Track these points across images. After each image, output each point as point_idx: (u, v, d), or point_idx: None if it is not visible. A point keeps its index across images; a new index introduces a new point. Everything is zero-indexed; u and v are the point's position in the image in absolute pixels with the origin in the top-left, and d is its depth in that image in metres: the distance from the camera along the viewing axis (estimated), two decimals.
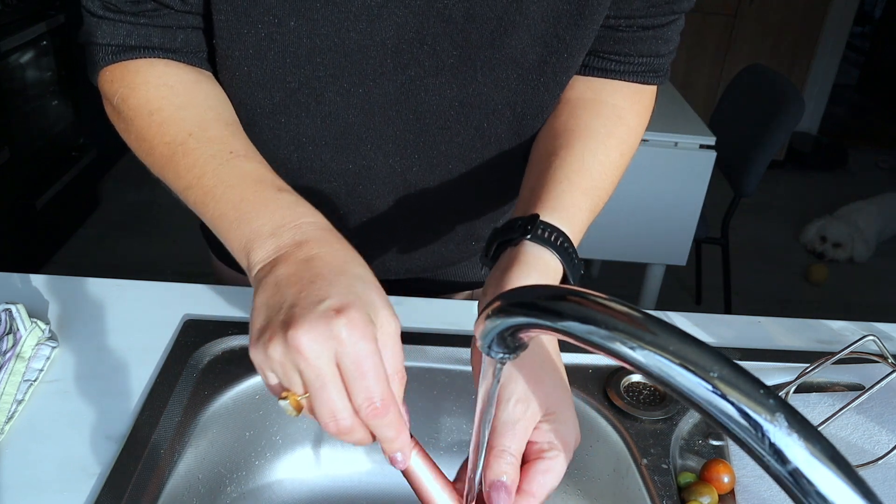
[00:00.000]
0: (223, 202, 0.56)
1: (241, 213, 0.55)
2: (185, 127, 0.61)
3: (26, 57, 2.50)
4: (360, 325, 0.47)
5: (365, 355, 0.47)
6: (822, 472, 0.30)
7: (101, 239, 2.92)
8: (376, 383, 0.47)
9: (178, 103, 0.63)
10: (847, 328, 0.92)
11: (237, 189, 0.56)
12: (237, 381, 0.75)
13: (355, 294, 0.48)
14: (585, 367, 0.80)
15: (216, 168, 0.58)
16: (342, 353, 0.46)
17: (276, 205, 0.55)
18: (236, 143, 0.61)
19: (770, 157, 2.27)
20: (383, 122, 0.72)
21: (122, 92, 0.64)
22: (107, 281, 0.88)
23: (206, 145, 0.59)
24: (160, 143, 0.61)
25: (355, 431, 0.48)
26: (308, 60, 0.66)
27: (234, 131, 0.63)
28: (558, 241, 0.59)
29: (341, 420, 0.47)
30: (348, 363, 0.46)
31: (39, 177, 2.60)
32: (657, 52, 0.73)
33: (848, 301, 3.03)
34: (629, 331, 0.35)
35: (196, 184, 0.58)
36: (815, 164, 4.19)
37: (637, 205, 2.21)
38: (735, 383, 0.32)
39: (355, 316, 0.47)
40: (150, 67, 0.65)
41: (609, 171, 0.69)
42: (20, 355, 0.73)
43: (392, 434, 0.49)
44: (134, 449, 0.66)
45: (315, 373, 0.46)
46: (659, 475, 0.69)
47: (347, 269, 0.51)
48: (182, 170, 0.59)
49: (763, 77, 2.44)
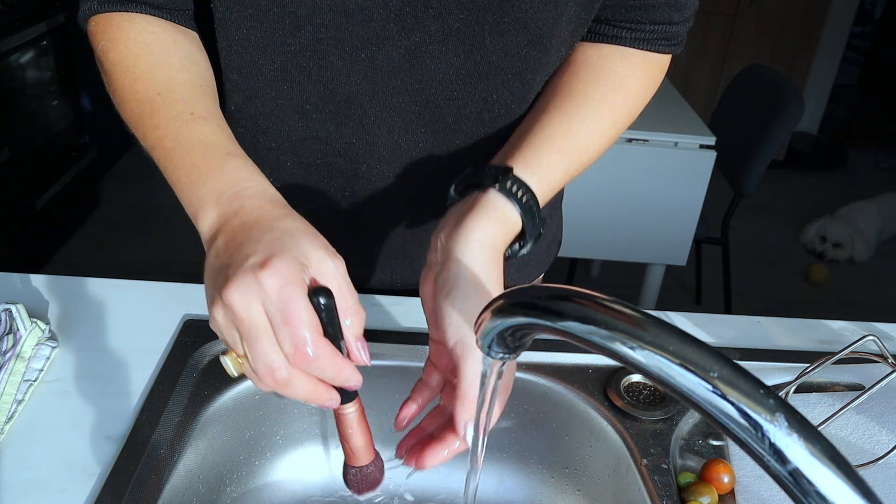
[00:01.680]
0: (179, 167, 0.58)
1: (192, 179, 0.57)
2: (154, 86, 0.63)
3: (26, 57, 2.50)
4: (285, 273, 0.47)
5: (288, 300, 0.47)
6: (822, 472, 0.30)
7: (102, 239, 2.92)
8: (302, 327, 0.47)
9: (152, 62, 0.65)
10: (847, 328, 0.92)
11: (191, 153, 0.58)
12: (237, 381, 0.75)
13: (281, 245, 0.49)
14: (585, 367, 0.80)
15: (176, 130, 0.60)
16: (267, 302, 0.47)
17: (220, 171, 0.57)
18: (199, 105, 0.62)
19: (770, 157, 2.27)
20: (388, 92, 0.71)
21: (103, 45, 0.67)
22: (107, 281, 0.88)
23: (172, 106, 0.61)
24: (132, 99, 0.63)
25: (295, 383, 0.48)
26: (308, 21, 0.66)
27: (202, 92, 0.64)
28: (524, 199, 0.61)
29: (277, 372, 0.47)
30: (273, 311, 0.47)
31: (39, 177, 2.60)
32: (670, 20, 0.72)
33: (848, 301, 3.03)
34: (629, 331, 0.35)
35: (159, 145, 0.60)
36: (815, 164, 4.18)
37: (637, 205, 2.21)
38: (735, 383, 0.32)
39: (279, 264, 0.47)
40: (131, 23, 0.67)
41: (596, 137, 0.70)
42: (20, 355, 0.73)
43: (331, 374, 0.49)
44: (134, 449, 0.66)
45: (246, 327, 0.47)
46: (659, 475, 0.69)
47: (276, 224, 0.52)
48: (148, 129, 0.61)
49: (763, 77, 2.44)
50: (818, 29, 3.89)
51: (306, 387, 0.49)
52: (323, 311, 0.48)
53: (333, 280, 0.50)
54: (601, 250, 2.37)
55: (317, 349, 0.47)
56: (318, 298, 0.48)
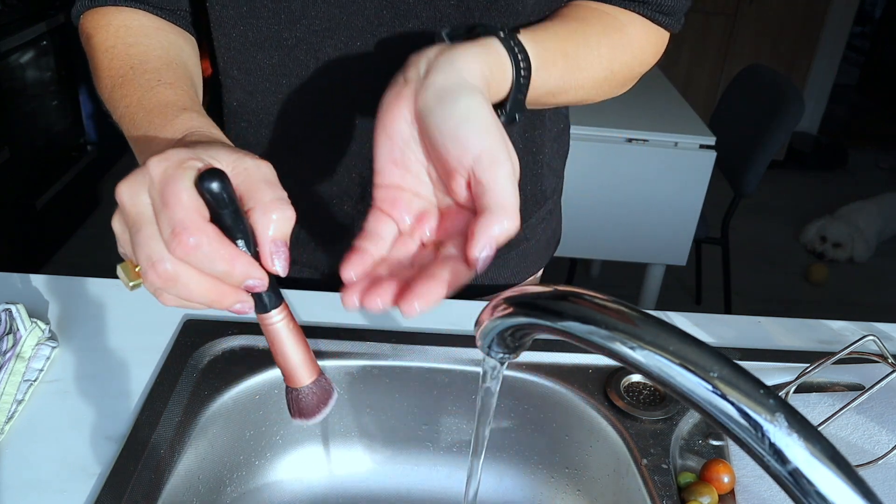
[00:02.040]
0: (139, 127, 0.57)
1: (148, 137, 0.55)
2: (128, 61, 0.64)
3: (26, 57, 2.50)
4: (174, 157, 0.42)
5: (167, 180, 0.41)
6: (822, 472, 0.30)
7: (102, 239, 2.92)
8: (179, 208, 0.40)
9: (130, 41, 0.66)
10: (847, 328, 0.92)
11: (151, 114, 0.57)
12: (237, 381, 0.75)
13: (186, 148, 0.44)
14: (585, 367, 0.80)
15: (141, 96, 0.59)
16: (151, 188, 0.41)
17: (173, 124, 0.55)
18: (167, 74, 0.62)
19: (770, 157, 2.27)
20: (385, 79, 0.71)
21: (88, 31, 0.69)
22: (107, 281, 0.88)
23: (141, 76, 0.61)
24: (107, 76, 0.64)
25: (183, 278, 0.41)
26: (303, 14, 0.67)
27: (173, 66, 0.64)
28: (522, 65, 0.54)
29: (158, 264, 0.41)
30: (155, 195, 0.41)
31: (39, 177, 2.60)
32: None
33: (848, 301, 3.03)
34: (629, 331, 0.35)
35: (125, 112, 0.59)
36: (815, 164, 4.19)
37: (637, 205, 2.21)
38: (735, 383, 0.32)
39: (170, 152, 0.42)
40: (118, 12, 0.69)
41: (594, 60, 0.66)
42: (20, 355, 0.73)
43: (222, 266, 0.41)
44: (134, 449, 0.66)
45: (131, 219, 0.42)
46: (659, 475, 0.69)
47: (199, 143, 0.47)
48: (118, 98, 0.61)
49: (763, 77, 2.44)
50: (818, 29, 3.89)
51: (199, 284, 0.41)
52: (210, 195, 0.40)
53: (247, 178, 0.43)
54: (601, 250, 2.37)
55: (199, 235, 0.40)
56: (206, 183, 0.40)
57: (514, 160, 0.46)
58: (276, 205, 0.42)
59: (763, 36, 3.87)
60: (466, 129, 0.45)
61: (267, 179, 0.43)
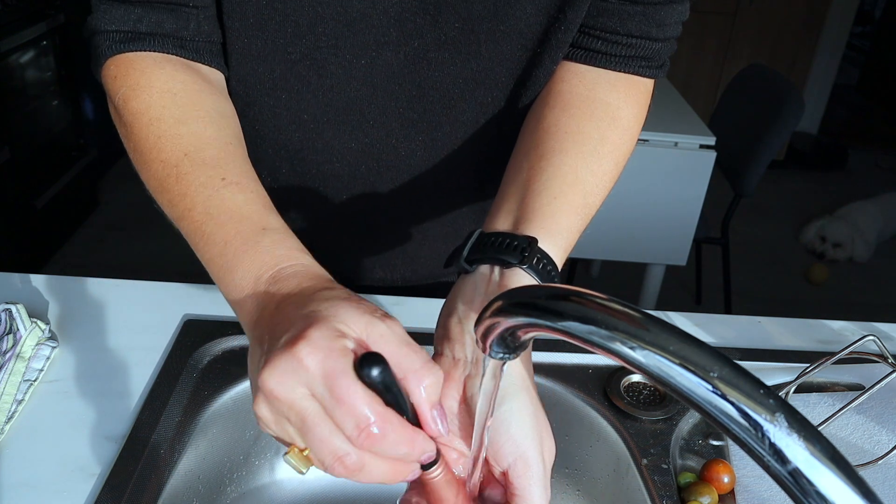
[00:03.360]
0: (211, 245, 0.53)
1: (226, 260, 0.52)
2: (181, 145, 0.57)
3: (26, 57, 2.50)
4: (323, 344, 0.40)
5: (333, 375, 0.40)
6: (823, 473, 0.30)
7: (101, 239, 2.92)
8: (360, 404, 0.40)
9: (178, 116, 0.59)
10: (847, 328, 0.92)
11: (224, 228, 0.53)
12: (237, 381, 0.75)
13: (317, 314, 0.43)
14: (585, 367, 0.80)
15: (206, 200, 0.54)
16: (311, 382, 0.40)
17: (255, 251, 0.51)
18: (230, 168, 0.57)
19: (770, 157, 2.27)
20: (386, 98, 0.71)
21: (124, 92, 0.61)
22: (107, 281, 0.88)
23: (200, 170, 0.56)
24: (156, 159, 0.58)
25: (368, 467, 0.42)
26: (310, 30, 0.66)
27: (232, 151, 0.59)
28: (551, 273, 0.56)
29: (345, 458, 0.41)
30: (320, 391, 0.40)
31: (39, 177, 2.60)
32: (647, 35, 0.68)
33: (848, 301, 3.02)
34: (629, 331, 0.35)
35: (187, 216, 0.55)
36: (815, 164, 4.18)
37: (637, 205, 2.21)
38: (735, 383, 0.32)
39: (315, 335, 0.41)
40: (157, 68, 0.61)
41: (602, 182, 0.66)
42: (20, 355, 0.73)
43: (406, 449, 0.43)
44: (134, 449, 0.66)
45: (297, 414, 0.41)
46: (659, 475, 0.69)
47: (312, 297, 0.46)
48: (175, 197, 0.56)
49: (763, 77, 2.44)
50: (818, 29, 3.89)
51: (383, 468, 0.43)
52: (377, 381, 0.41)
53: (386, 343, 0.42)
54: (601, 250, 2.37)
55: (383, 425, 0.40)
56: (368, 369, 0.40)
57: (547, 458, 0.51)
58: (426, 371, 0.43)
59: (763, 36, 3.86)
60: (505, 436, 0.50)
61: (406, 341, 0.43)
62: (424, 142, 0.75)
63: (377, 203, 0.81)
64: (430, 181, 0.79)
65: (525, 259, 0.55)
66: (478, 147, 0.77)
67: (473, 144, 0.76)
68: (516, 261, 0.55)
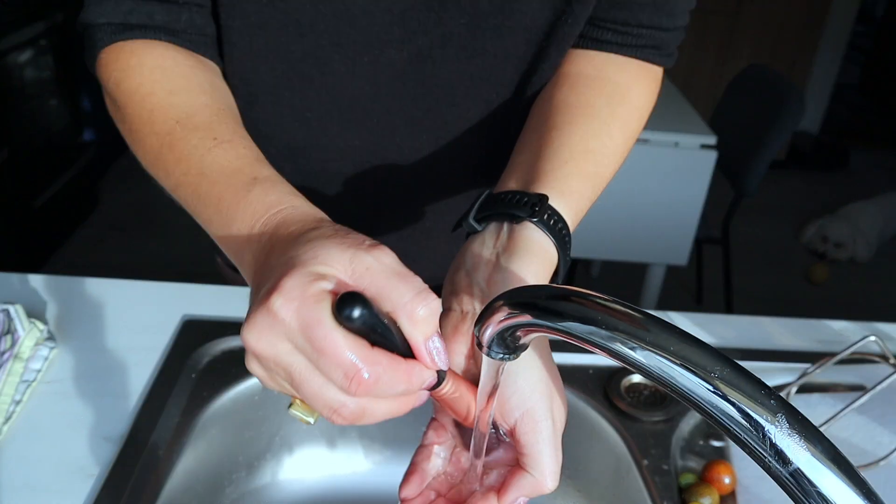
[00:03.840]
0: (206, 203, 0.52)
1: (221, 217, 0.51)
2: (173, 114, 0.57)
3: (25, 56, 2.50)
4: (297, 293, 0.38)
5: (311, 324, 0.38)
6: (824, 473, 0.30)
7: (100, 238, 2.92)
8: (343, 352, 0.38)
9: (170, 88, 0.59)
10: (848, 328, 0.91)
11: (217, 185, 0.52)
12: (236, 382, 0.75)
13: (294, 260, 0.40)
14: (586, 367, 0.80)
15: (199, 160, 0.54)
16: (291, 335, 0.38)
17: (247, 201, 0.50)
18: (221, 129, 0.56)
19: (771, 157, 2.27)
20: (390, 96, 0.71)
21: (115, 75, 0.61)
22: (105, 281, 0.88)
23: (192, 134, 0.55)
24: (150, 132, 0.57)
25: (370, 410, 0.40)
26: (312, 28, 0.65)
27: (224, 116, 0.58)
28: (562, 232, 0.54)
29: (342, 409, 0.39)
30: (302, 343, 0.38)
31: (38, 176, 2.60)
32: (658, 25, 0.68)
33: (849, 301, 3.02)
34: (630, 331, 0.34)
35: (183, 181, 0.54)
36: (816, 164, 4.18)
37: (638, 205, 2.21)
38: (736, 384, 0.32)
39: (288, 284, 0.38)
40: (148, 49, 0.61)
41: (612, 155, 0.65)
42: (18, 356, 0.73)
43: (404, 387, 0.40)
44: (132, 450, 0.66)
45: (284, 370, 0.40)
46: (659, 476, 0.69)
47: (298, 239, 0.43)
48: (170, 164, 0.55)
49: (764, 76, 2.44)
50: (820, 28, 3.89)
51: (385, 407, 0.41)
52: (357, 322, 0.38)
53: (372, 277, 0.40)
54: (602, 250, 2.37)
55: (373, 369, 0.38)
56: (346, 311, 0.37)
57: (557, 416, 0.49)
58: (418, 302, 0.39)
59: (764, 35, 3.86)
60: (512, 388, 0.48)
61: (395, 271, 0.40)
62: (429, 140, 0.75)
63: (381, 201, 0.80)
64: (434, 179, 0.79)
65: (536, 213, 0.53)
66: (483, 145, 0.76)
67: (479, 142, 0.76)
68: (526, 215, 0.53)
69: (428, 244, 0.87)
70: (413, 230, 0.85)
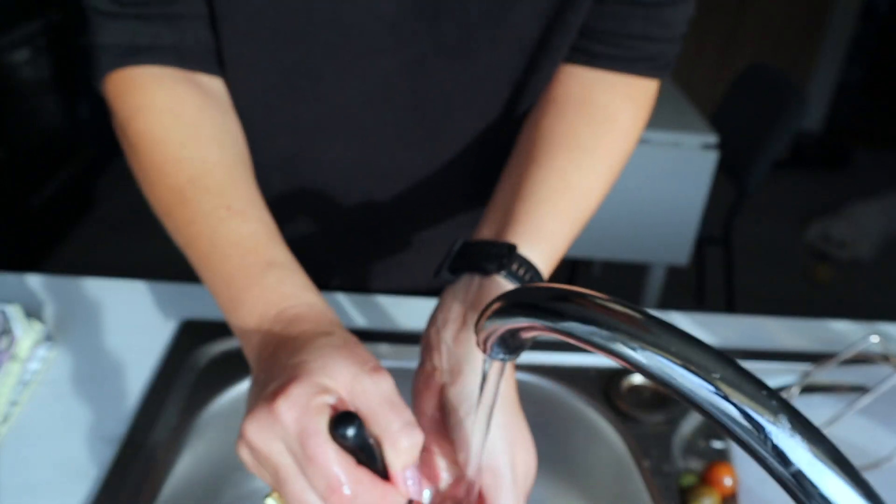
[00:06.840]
0: (217, 277, 0.54)
1: (231, 295, 0.52)
2: (185, 170, 0.57)
3: (22, 54, 2.50)
4: (300, 400, 0.41)
5: (306, 434, 0.40)
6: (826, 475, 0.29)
7: (98, 238, 2.92)
8: (331, 465, 0.40)
9: (181, 139, 0.59)
10: (851, 329, 0.91)
11: (229, 262, 0.53)
12: (235, 383, 0.74)
13: (305, 367, 0.43)
14: (586, 368, 0.79)
15: (211, 230, 0.55)
16: (287, 438, 0.41)
17: (261, 287, 0.51)
18: (235, 195, 0.57)
19: (773, 157, 2.26)
20: (382, 106, 0.70)
21: (125, 113, 0.61)
22: (104, 281, 0.87)
23: (204, 196, 0.56)
24: (161, 184, 0.58)
25: None
26: (303, 37, 0.65)
27: (236, 176, 0.59)
28: (532, 281, 0.55)
29: None
30: (295, 448, 0.41)
31: (35, 175, 2.60)
32: (650, 36, 0.66)
33: (852, 301, 3.02)
34: (631, 331, 0.34)
35: (193, 244, 0.55)
36: (819, 164, 4.18)
37: (639, 204, 2.21)
38: (737, 384, 0.31)
39: (294, 391, 0.41)
40: (156, 83, 0.61)
41: (594, 186, 0.64)
42: (16, 356, 0.73)
43: None
44: (131, 451, 0.65)
45: (272, 467, 0.42)
46: (660, 477, 0.69)
47: (308, 344, 0.46)
48: (181, 224, 0.56)
49: (766, 75, 2.43)
50: (822, 26, 3.88)
51: None
52: (350, 442, 0.41)
53: (367, 401, 0.43)
54: (602, 250, 2.36)
55: (355, 486, 0.41)
56: (341, 430, 0.41)
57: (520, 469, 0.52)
58: (403, 434, 0.42)
59: (766, 34, 3.86)
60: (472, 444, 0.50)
61: (389, 400, 0.43)
62: (421, 150, 0.74)
63: (373, 213, 0.80)
64: (427, 190, 0.78)
65: (503, 265, 0.54)
66: (476, 155, 0.76)
67: (471, 153, 0.76)
68: (494, 268, 0.54)
69: (420, 253, 0.87)
70: (406, 240, 0.85)
